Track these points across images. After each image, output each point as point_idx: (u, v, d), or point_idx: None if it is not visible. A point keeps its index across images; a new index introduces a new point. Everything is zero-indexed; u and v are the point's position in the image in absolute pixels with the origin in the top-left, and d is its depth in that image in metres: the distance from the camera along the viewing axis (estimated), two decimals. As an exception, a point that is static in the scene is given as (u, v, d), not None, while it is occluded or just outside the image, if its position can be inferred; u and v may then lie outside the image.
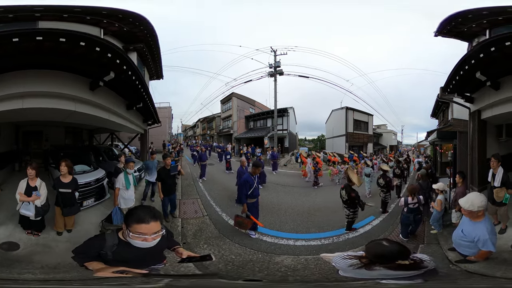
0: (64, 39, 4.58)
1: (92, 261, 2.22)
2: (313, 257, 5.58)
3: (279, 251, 6.01)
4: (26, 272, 4.25)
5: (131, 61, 5.78)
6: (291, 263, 5.36)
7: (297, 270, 5.08)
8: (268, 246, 6.24)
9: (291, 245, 6.35)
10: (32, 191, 5.35)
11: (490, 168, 5.93)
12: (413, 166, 16.46)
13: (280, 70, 18.74)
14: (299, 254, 5.86)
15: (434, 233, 6.47)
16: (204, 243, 6.24)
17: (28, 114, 6.30)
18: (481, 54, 5.16)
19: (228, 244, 6.20)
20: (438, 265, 2.82)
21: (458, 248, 3.86)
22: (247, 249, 5.96)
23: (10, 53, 4.58)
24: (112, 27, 8.56)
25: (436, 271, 2.67)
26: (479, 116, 7.37)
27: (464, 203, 3.52)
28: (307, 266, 5.22)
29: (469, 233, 3.56)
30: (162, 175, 7.32)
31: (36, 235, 5.47)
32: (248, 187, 6.48)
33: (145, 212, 2.11)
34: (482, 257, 3.61)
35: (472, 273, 3.65)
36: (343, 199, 6.92)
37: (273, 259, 5.56)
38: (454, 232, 3.90)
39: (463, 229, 3.69)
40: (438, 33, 8.32)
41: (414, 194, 6.53)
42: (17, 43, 4.35)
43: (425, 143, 26.58)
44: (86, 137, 12.99)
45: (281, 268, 5.18)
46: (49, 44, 4.58)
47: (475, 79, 6.05)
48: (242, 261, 5.47)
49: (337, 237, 6.77)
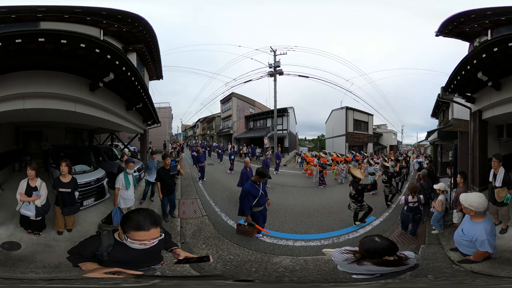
0: (65, 40, 4.59)
1: (86, 262, 2.19)
2: (312, 258, 5.54)
3: (278, 251, 5.96)
4: (29, 271, 4.31)
5: (130, 62, 5.79)
6: (290, 263, 5.32)
7: (295, 270, 5.02)
8: (267, 246, 6.19)
9: (290, 245, 6.28)
10: (32, 191, 5.35)
11: (491, 168, 5.88)
12: (413, 166, 16.48)
13: (280, 70, 18.70)
14: (298, 255, 5.81)
15: (435, 233, 6.46)
16: (202, 243, 6.20)
17: (29, 115, 6.32)
18: (483, 54, 5.15)
19: (226, 244, 6.14)
20: (420, 262, 2.81)
21: (459, 247, 3.88)
22: (245, 250, 5.91)
23: (12, 54, 4.58)
24: (112, 28, 8.61)
25: (418, 265, 2.75)
26: (480, 116, 7.36)
27: (464, 200, 3.53)
28: (305, 267, 5.18)
29: (468, 233, 3.57)
30: (161, 175, 7.29)
31: (37, 235, 5.48)
32: (252, 199, 5.89)
33: (144, 218, 1.98)
34: (479, 257, 3.63)
35: (476, 273, 3.64)
36: (351, 194, 7.30)
37: (271, 260, 5.51)
38: (455, 232, 3.90)
39: (463, 228, 3.70)
40: (439, 32, 8.31)
41: (414, 193, 6.61)
42: (20, 44, 4.37)
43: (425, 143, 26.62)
44: (86, 137, 12.97)
45: (279, 268, 5.13)
46: (50, 46, 4.59)
47: (476, 79, 6.04)
48: (240, 261, 5.42)
49: (337, 237, 6.74)
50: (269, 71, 18.67)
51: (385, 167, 9.81)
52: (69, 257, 2.32)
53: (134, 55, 10.38)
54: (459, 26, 7.76)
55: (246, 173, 8.69)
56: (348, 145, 24.42)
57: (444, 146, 13.97)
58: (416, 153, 27.85)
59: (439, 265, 4.87)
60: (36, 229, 5.49)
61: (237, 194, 7.46)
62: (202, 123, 37.00)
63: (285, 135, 23.44)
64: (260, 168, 5.98)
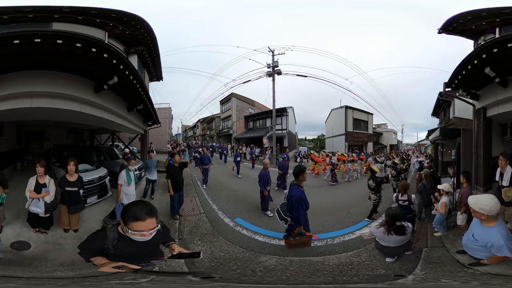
0: (80, 44, 4.72)
1: (97, 256, 2.27)
2: (299, 259, 5.40)
3: (268, 250, 5.89)
4: (53, 270, 4.41)
5: (133, 67, 6.00)
6: (273, 264, 5.24)
7: (273, 270, 4.97)
8: (259, 245, 6.17)
9: (282, 245, 5.96)
10: (41, 188, 5.45)
11: (498, 167, 5.81)
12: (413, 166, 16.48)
13: (278, 70, 18.65)
14: (286, 255, 5.58)
15: (438, 235, 6.22)
16: (198, 239, 6.27)
17: (35, 113, 6.41)
18: (494, 49, 5.09)
19: (220, 241, 6.23)
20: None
21: (470, 252, 3.63)
22: (236, 247, 5.95)
23: (28, 53, 4.68)
24: (116, 30, 8.84)
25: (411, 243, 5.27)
26: (484, 113, 7.31)
27: (474, 204, 3.25)
28: (287, 267, 5.08)
29: (481, 238, 3.30)
30: (171, 172, 7.32)
31: (44, 233, 5.56)
32: (304, 205, 5.13)
33: (140, 209, 2.10)
34: (496, 261, 3.38)
35: (495, 275, 3.54)
36: (371, 187, 8.00)
37: (257, 259, 5.47)
38: (464, 237, 3.70)
39: (474, 233, 3.43)
40: (442, 30, 8.29)
41: (405, 190, 6.61)
42: (38, 44, 4.47)
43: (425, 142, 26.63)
44: (87, 137, 13.01)
45: (259, 267, 5.09)
46: (65, 47, 4.71)
47: (482, 75, 5.97)
48: (228, 258, 5.45)
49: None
50: (268, 71, 18.65)
51: (395, 164, 11.23)
52: (80, 253, 2.39)
53: (135, 57, 10.60)
54: (465, 24, 7.76)
55: (265, 175, 8.15)
56: (348, 145, 24.38)
57: (445, 145, 13.96)
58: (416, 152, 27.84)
59: (449, 268, 4.68)
60: (45, 226, 5.58)
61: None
62: (202, 123, 36.94)
63: (284, 135, 23.35)
64: (296, 169, 5.39)
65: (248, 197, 9.64)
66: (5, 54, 4.57)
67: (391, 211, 5.13)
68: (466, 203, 6.15)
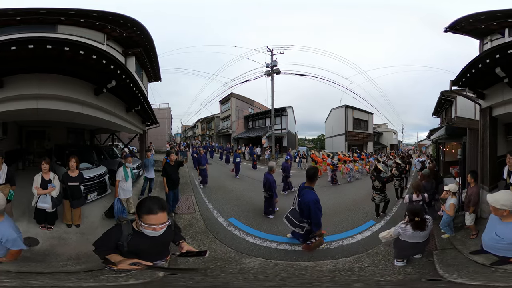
0: (83, 51, 5.10)
1: (112, 254, 2.36)
2: (286, 263, 5.21)
3: (256, 252, 5.74)
4: (67, 265, 4.59)
5: (130, 72, 6.38)
6: (253, 266, 5.06)
7: (250, 273, 4.78)
8: (249, 246, 6.06)
9: (273, 248, 5.97)
10: (47, 184, 5.73)
11: (505, 166, 5.80)
12: (414, 166, 16.46)
13: (277, 69, 18.65)
14: (274, 258, 5.45)
15: (446, 237, 6.13)
16: (189, 237, 6.26)
17: (40, 114, 6.67)
18: (510, 50, 5.00)
19: (210, 240, 6.26)
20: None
21: (496, 252, 3.49)
22: (225, 247, 5.89)
23: (38, 57, 4.99)
24: (114, 33, 9.11)
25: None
26: (490, 113, 7.27)
27: (494, 201, 3.24)
28: (264, 270, 4.90)
29: (507, 235, 3.22)
30: (167, 170, 7.59)
31: (49, 229, 5.79)
32: (321, 208, 5.06)
33: (153, 203, 2.27)
34: None
35: None
36: (377, 187, 8.04)
37: (241, 260, 5.34)
38: (485, 236, 3.59)
39: (497, 231, 3.34)
40: (449, 28, 8.24)
41: (419, 190, 6.59)
42: (49, 49, 4.80)
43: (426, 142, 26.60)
44: (87, 137, 13.06)
45: (235, 269, 4.94)
46: (71, 54, 5.05)
47: (489, 74, 5.90)
48: (213, 257, 5.37)
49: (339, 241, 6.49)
50: (266, 71, 18.61)
51: (398, 164, 11.12)
52: (96, 250, 2.48)
53: (133, 59, 10.80)
54: (474, 23, 7.70)
55: (273, 180, 7.81)
56: (348, 144, 24.34)
57: (447, 144, 13.91)
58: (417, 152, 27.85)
59: (473, 270, 4.44)
60: (51, 221, 5.83)
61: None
62: (202, 123, 36.97)
63: (284, 135, 23.30)
64: (311, 171, 5.28)
65: (244, 197, 9.63)
66: (17, 58, 4.87)
67: (412, 207, 5.17)
68: (475, 203, 6.19)
